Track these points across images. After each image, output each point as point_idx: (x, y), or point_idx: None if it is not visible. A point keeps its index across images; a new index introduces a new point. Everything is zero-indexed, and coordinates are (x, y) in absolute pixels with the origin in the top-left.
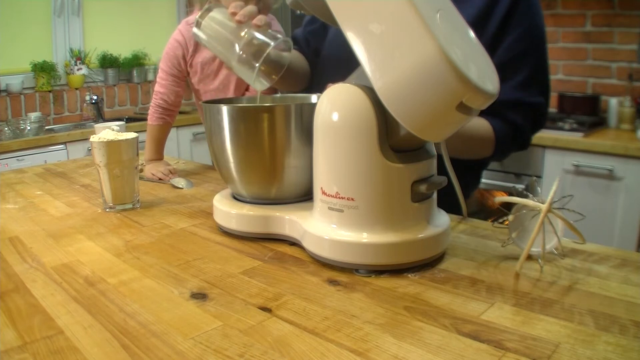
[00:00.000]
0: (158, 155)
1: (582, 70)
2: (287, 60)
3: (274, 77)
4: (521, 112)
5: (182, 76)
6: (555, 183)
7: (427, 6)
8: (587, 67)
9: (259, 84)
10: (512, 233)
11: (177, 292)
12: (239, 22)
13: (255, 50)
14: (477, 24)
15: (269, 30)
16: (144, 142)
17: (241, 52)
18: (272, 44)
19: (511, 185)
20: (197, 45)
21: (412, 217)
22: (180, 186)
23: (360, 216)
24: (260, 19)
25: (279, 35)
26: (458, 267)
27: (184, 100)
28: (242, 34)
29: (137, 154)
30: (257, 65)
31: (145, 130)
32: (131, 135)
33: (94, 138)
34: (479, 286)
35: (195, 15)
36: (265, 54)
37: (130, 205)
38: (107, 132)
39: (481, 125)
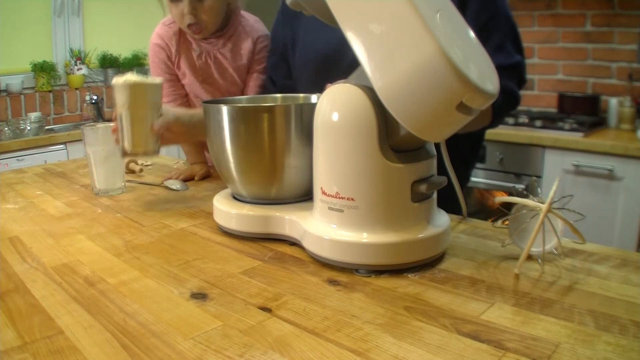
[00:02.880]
0: (196, 157)
1: (582, 70)
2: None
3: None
4: (506, 75)
5: (177, 77)
6: (555, 183)
7: (427, 6)
8: (587, 67)
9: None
10: (512, 233)
11: (177, 292)
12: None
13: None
14: None
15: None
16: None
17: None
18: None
19: (511, 185)
20: (180, 45)
21: (412, 217)
22: (175, 188)
23: (360, 216)
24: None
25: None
26: (458, 267)
27: None
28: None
29: (161, 100)
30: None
31: None
32: (157, 80)
33: (117, 80)
34: (479, 286)
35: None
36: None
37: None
38: (130, 75)
39: None
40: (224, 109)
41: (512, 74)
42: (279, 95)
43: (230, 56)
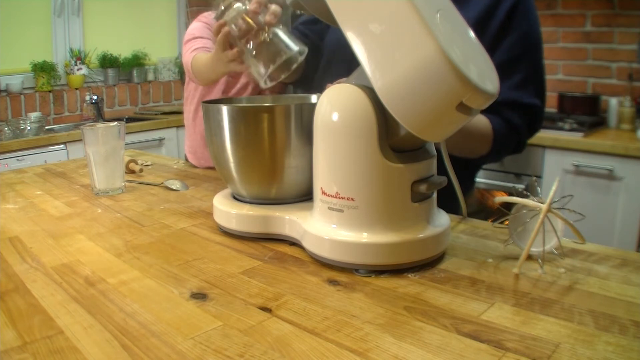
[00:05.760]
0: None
1: (582, 70)
2: (296, 63)
3: (282, 76)
4: (518, 113)
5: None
6: (555, 183)
7: (427, 6)
8: (587, 67)
9: (263, 84)
10: (512, 233)
11: (177, 292)
12: (255, 12)
13: (271, 53)
14: (478, 26)
15: (287, 36)
16: (142, 141)
17: (255, 52)
18: (289, 52)
19: (511, 185)
20: None
21: (412, 217)
22: (175, 188)
23: (360, 216)
24: (274, 12)
25: (294, 46)
26: (458, 267)
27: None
28: (262, 35)
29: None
30: (271, 67)
31: (145, 130)
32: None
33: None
34: (479, 286)
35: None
36: (280, 61)
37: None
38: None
39: (480, 121)
40: (224, 109)
41: (525, 113)
42: (278, 95)
43: None
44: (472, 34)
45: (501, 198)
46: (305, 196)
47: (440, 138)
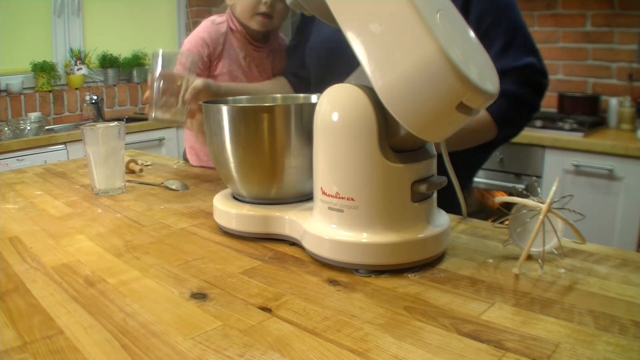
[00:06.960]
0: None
1: (582, 70)
2: None
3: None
4: (512, 79)
5: (204, 75)
6: (555, 183)
7: (427, 6)
8: (587, 67)
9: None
10: (512, 233)
11: (177, 292)
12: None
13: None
14: None
15: None
16: (142, 141)
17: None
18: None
19: (511, 185)
20: (222, 50)
21: (412, 217)
22: (175, 188)
23: (360, 216)
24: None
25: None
26: (458, 267)
27: None
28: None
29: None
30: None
31: (145, 130)
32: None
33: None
34: (479, 286)
35: (221, 15)
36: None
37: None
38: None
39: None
40: (224, 109)
41: (519, 76)
42: (279, 95)
43: (271, 67)
44: (472, 33)
45: (501, 198)
46: (305, 196)
47: (440, 138)
